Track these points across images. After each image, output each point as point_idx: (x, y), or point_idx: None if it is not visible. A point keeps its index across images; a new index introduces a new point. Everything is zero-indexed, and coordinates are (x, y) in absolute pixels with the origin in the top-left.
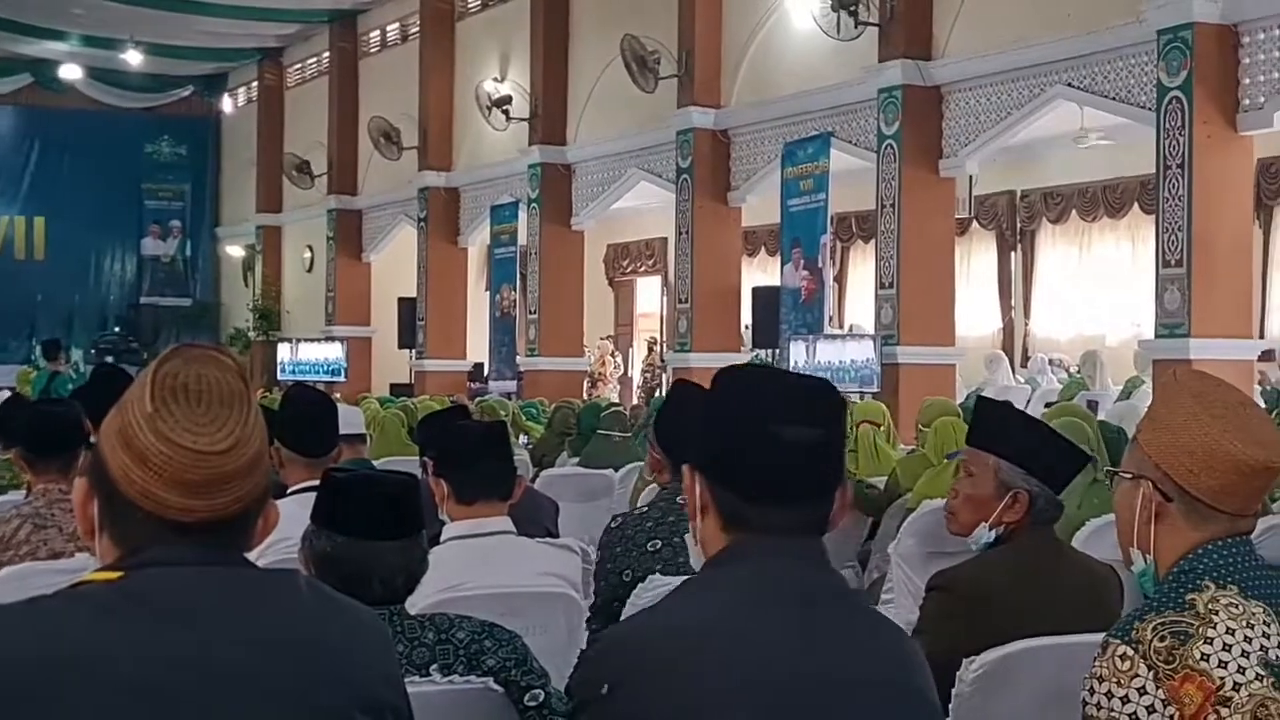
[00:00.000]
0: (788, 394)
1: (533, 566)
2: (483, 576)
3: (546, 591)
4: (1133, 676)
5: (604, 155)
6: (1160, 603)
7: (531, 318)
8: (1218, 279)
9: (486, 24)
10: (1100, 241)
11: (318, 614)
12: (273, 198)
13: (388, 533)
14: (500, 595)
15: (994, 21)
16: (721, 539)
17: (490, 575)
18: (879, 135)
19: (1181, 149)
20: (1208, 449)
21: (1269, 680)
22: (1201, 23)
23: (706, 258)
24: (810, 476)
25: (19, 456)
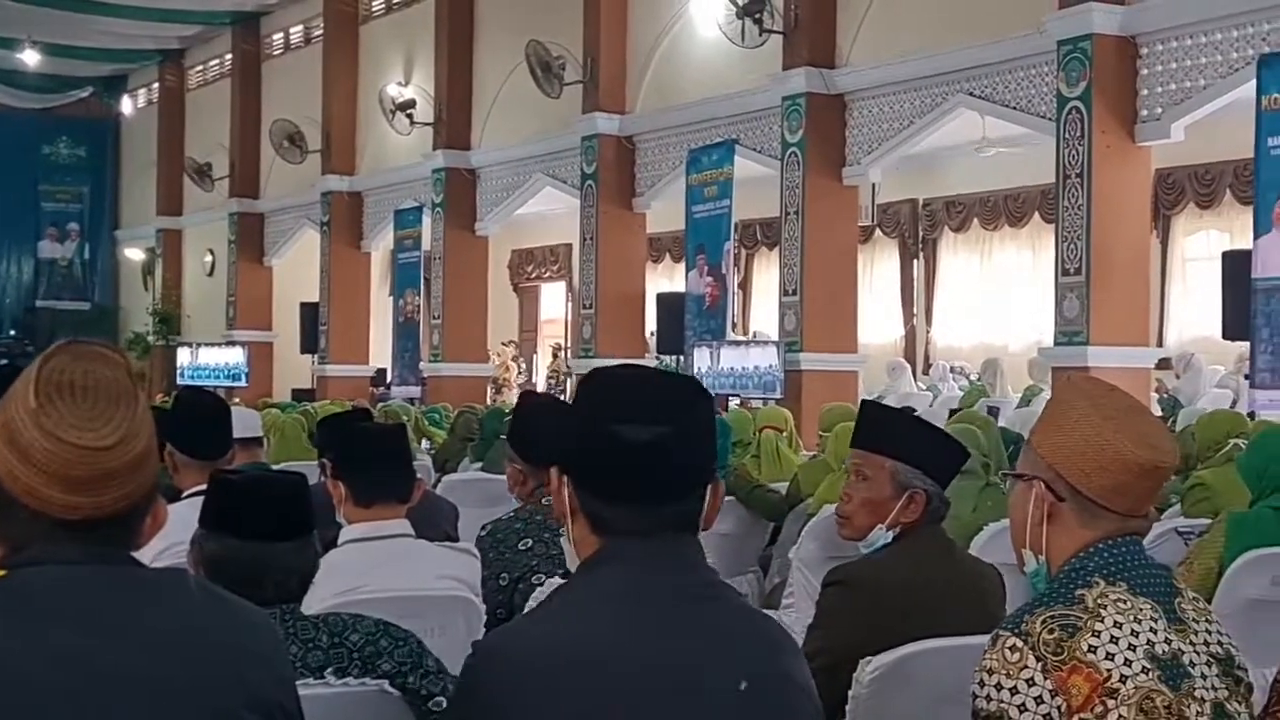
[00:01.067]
0: (634, 393)
1: (431, 570)
2: (380, 579)
3: (445, 595)
4: (1022, 668)
5: (508, 160)
6: (1051, 597)
7: (435, 323)
8: (1116, 288)
9: (391, 27)
10: (1001, 250)
11: (208, 614)
12: (173, 201)
13: (278, 534)
14: (398, 598)
15: (897, 30)
16: (592, 541)
17: (388, 578)
18: (783, 143)
19: (1081, 159)
20: (1099, 449)
21: (1155, 673)
22: (1101, 34)
23: (611, 264)
24: (667, 474)
25: None
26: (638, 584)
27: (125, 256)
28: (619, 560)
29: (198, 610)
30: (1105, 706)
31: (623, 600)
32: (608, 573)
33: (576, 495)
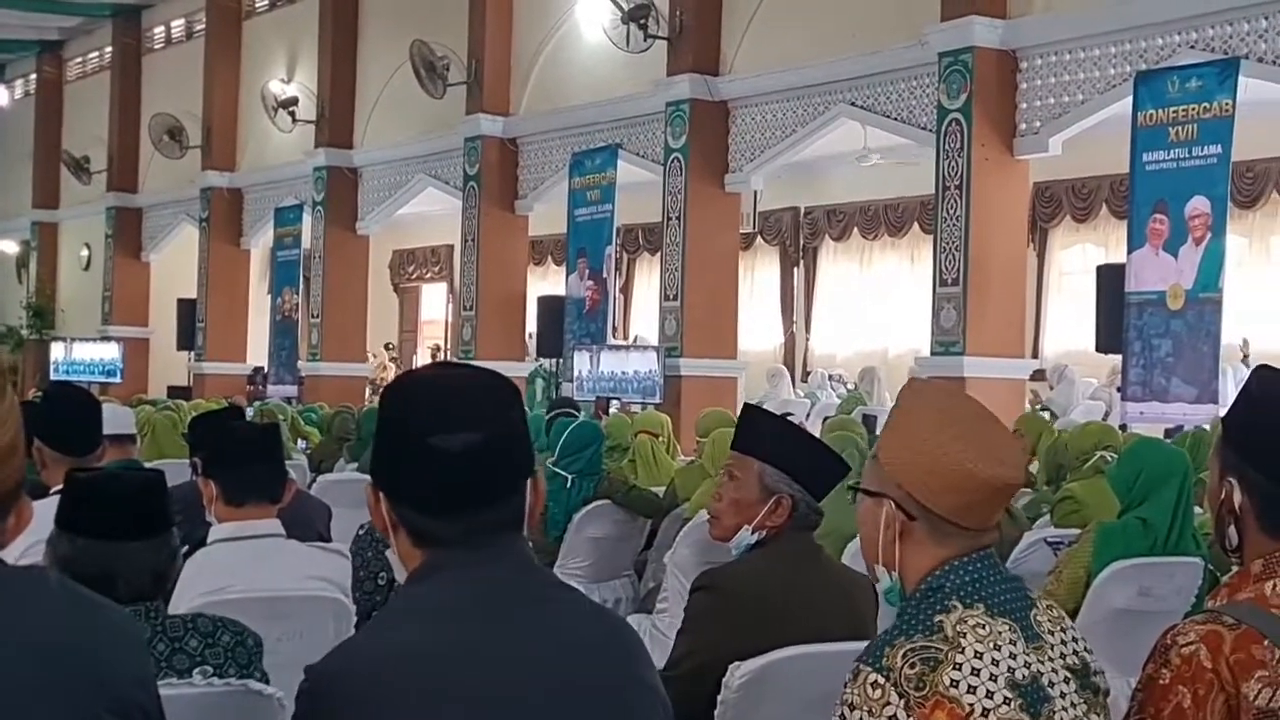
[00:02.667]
0: (442, 400)
1: (301, 570)
2: (250, 579)
3: (314, 595)
4: (884, 705)
5: (391, 160)
6: (909, 626)
7: (314, 321)
8: (992, 299)
9: (274, 24)
10: (881, 259)
11: (67, 614)
12: (49, 194)
13: (131, 533)
14: (267, 599)
15: (781, 39)
16: (416, 555)
17: (257, 578)
18: (666, 148)
19: (960, 171)
20: (948, 469)
21: (1016, 702)
22: (982, 47)
23: (493, 266)
24: (482, 481)
25: None
26: (464, 594)
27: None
28: (444, 571)
29: (57, 611)
30: None
31: (451, 612)
32: (433, 585)
33: (394, 509)
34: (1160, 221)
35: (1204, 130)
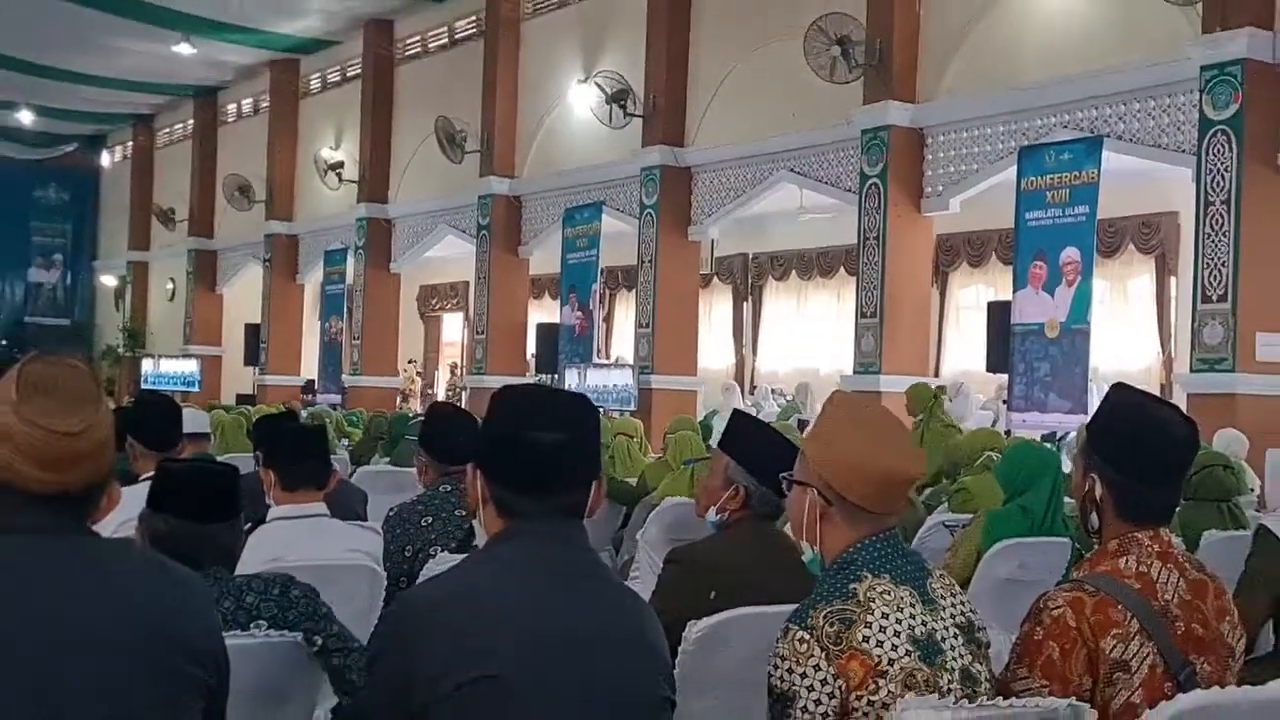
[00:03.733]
0: (540, 406)
1: (342, 544)
2: (301, 551)
3: (352, 564)
4: (809, 657)
5: (419, 213)
6: (829, 592)
7: (355, 343)
8: (902, 328)
9: (326, 103)
10: (815, 296)
11: (150, 576)
12: (141, 238)
13: (212, 516)
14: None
15: (734, 118)
16: (499, 523)
17: (307, 550)
18: (641, 205)
19: (878, 225)
20: (859, 465)
21: (915, 654)
22: (896, 126)
23: (500, 298)
24: (560, 472)
25: None
26: (536, 557)
27: (101, 283)
28: (521, 537)
29: (141, 573)
30: (877, 685)
31: (523, 568)
32: (512, 547)
33: (489, 486)
34: (1040, 267)
35: (1074, 194)
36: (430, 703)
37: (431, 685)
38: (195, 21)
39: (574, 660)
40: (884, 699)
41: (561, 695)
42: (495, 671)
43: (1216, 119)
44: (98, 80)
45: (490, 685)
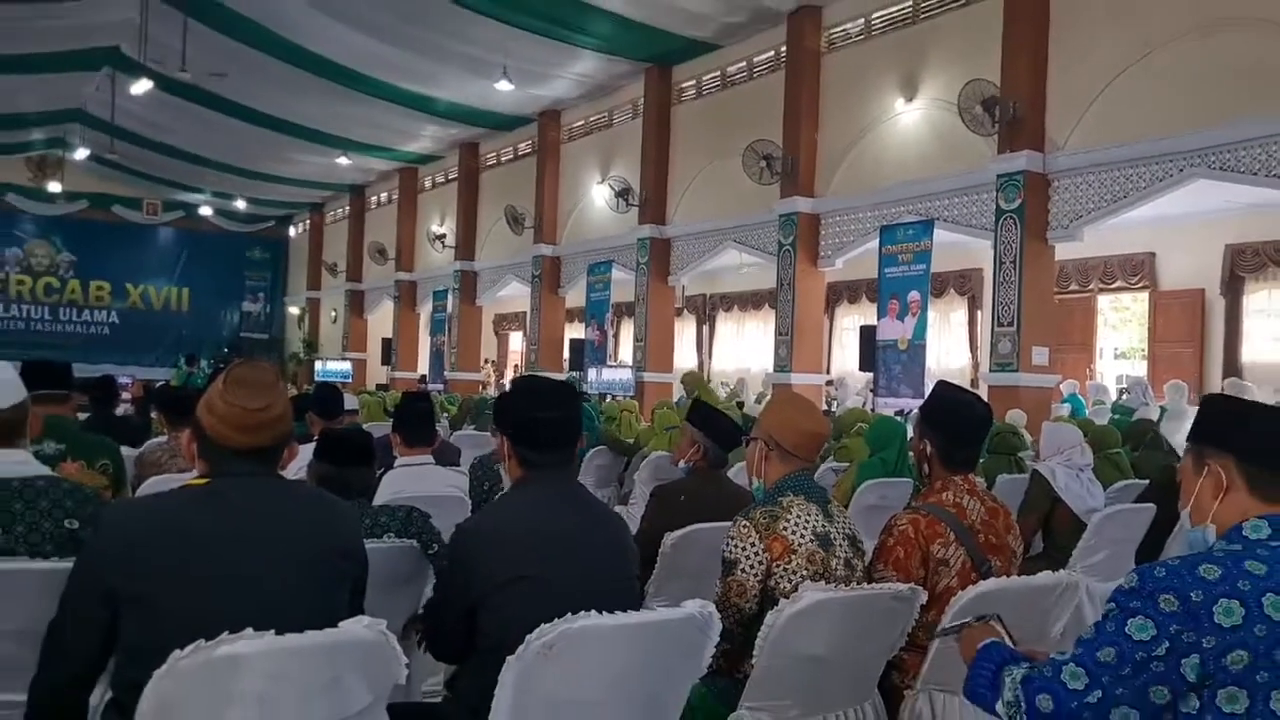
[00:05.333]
0: (544, 393)
1: (443, 482)
2: (415, 488)
3: (449, 495)
4: (748, 537)
5: (493, 266)
6: (766, 502)
7: (452, 350)
8: (805, 343)
9: (435, 196)
10: (751, 322)
11: (316, 504)
12: (315, 282)
13: (357, 462)
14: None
15: (697, 205)
16: (519, 471)
17: (419, 487)
18: (637, 263)
19: (790, 276)
20: (791, 425)
21: (816, 542)
22: (802, 212)
23: (547, 322)
24: (560, 437)
25: (163, 417)
26: (548, 493)
27: (289, 311)
28: (537, 481)
29: (313, 501)
30: (790, 558)
31: (540, 501)
32: (532, 488)
33: (512, 447)
34: (894, 304)
35: (916, 256)
36: (486, 594)
37: (484, 582)
38: (350, 143)
39: (577, 558)
40: (793, 569)
41: (571, 581)
42: (527, 573)
43: (1007, 209)
44: (286, 180)
45: (524, 581)
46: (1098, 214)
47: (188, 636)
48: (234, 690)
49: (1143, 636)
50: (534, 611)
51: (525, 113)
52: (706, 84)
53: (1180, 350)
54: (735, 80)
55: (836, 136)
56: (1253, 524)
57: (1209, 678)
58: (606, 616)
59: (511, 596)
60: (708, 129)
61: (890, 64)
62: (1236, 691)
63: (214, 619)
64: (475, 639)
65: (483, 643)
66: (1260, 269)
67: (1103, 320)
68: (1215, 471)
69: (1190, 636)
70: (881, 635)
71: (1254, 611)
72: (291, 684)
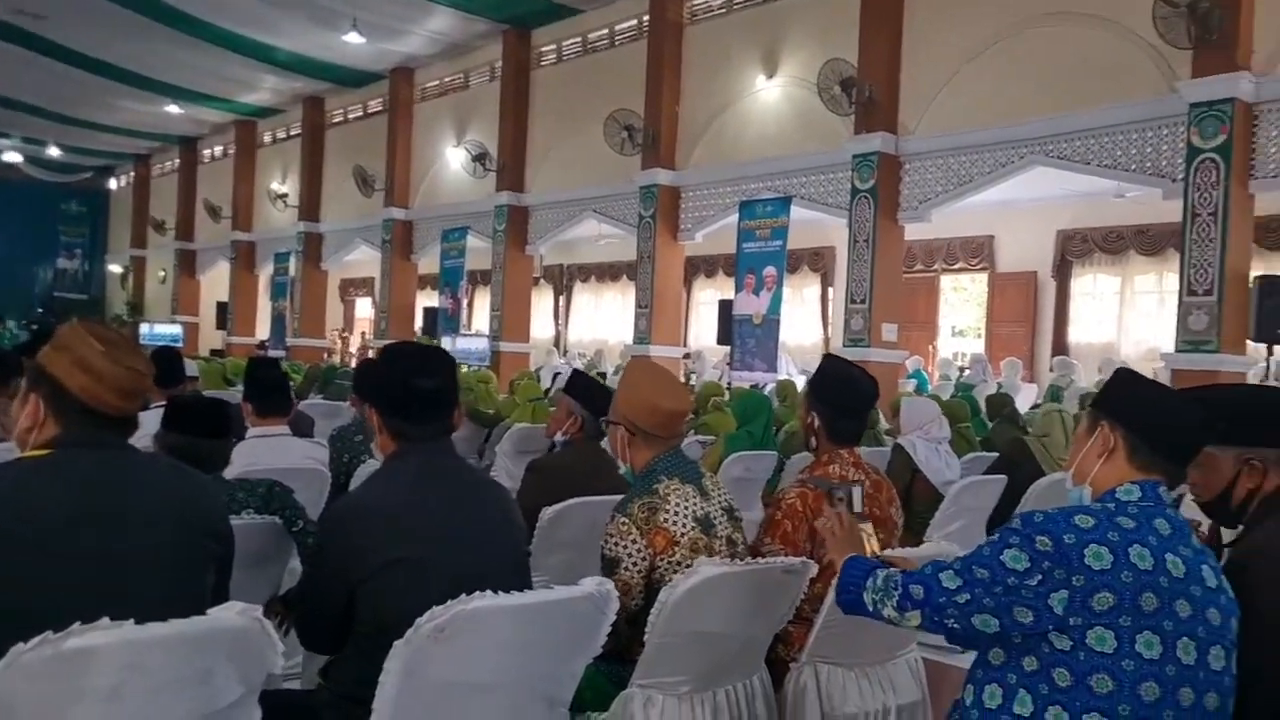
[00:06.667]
0: (418, 360)
1: (301, 454)
2: (272, 460)
3: (307, 468)
4: (629, 533)
5: (342, 230)
6: (641, 491)
7: (295, 315)
8: (665, 315)
9: (276, 152)
10: (609, 293)
11: (181, 478)
12: (140, 240)
13: (213, 434)
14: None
15: (559, 173)
16: (392, 445)
17: (277, 459)
18: (494, 230)
19: (650, 249)
20: (648, 406)
21: (698, 529)
22: (663, 185)
23: (398, 289)
24: (436, 405)
25: None
26: (426, 466)
27: (110, 270)
28: (414, 454)
29: (174, 475)
30: (674, 550)
31: (418, 475)
32: (408, 461)
33: (382, 419)
34: (751, 279)
35: (773, 233)
36: (365, 578)
37: (362, 566)
38: (181, 91)
39: (463, 538)
40: (678, 559)
41: (456, 564)
42: (408, 554)
43: (861, 188)
44: (107, 128)
45: (406, 563)
46: (945, 197)
47: (34, 628)
48: (86, 686)
49: (1016, 566)
50: (418, 594)
51: (376, 69)
52: (567, 49)
53: (1015, 329)
54: (597, 47)
55: (698, 110)
56: (1125, 488)
57: (1075, 615)
58: (502, 597)
59: (393, 579)
60: (568, 96)
61: (752, 39)
62: (1104, 632)
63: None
64: (353, 624)
65: (362, 628)
66: (1087, 254)
67: (944, 299)
68: (1105, 436)
69: (1061, 574)
70: (772, 609)
71: (1121, 559)
72: (152, 678)
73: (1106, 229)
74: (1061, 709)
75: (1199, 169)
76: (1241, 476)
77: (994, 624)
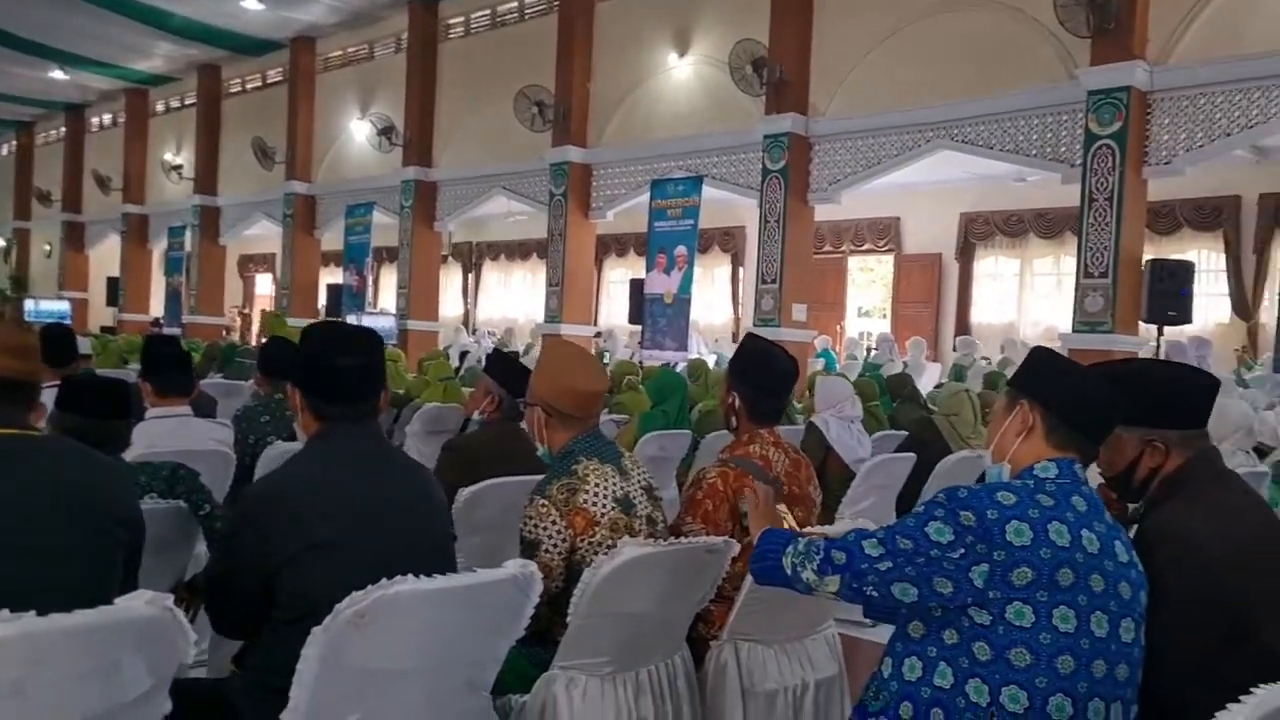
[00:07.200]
0: (344, 338)
1: (205, 435)
2: (174, 441)
3: (211, 450)
4: (548, 515)
5: (240, 203)
6: (560, 472)
7: (192, 292)
8: (576, 293)
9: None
10: (519, 271)
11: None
12: (23, 211)
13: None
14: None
15: (466, 149)
16: (315, 425)
17: (180, 441)
18: (400, 206)
19: (561, 226)
20: (563, 388)
21: (618, 509)
22: (574, 162)
23: (300, 265)
24: (362, 386)
25: None
26: (349, 449)
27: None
28: (336, 435)
29: (76, 459)
30: (594, 530)
31: (341, 458)
32: (330, 443)
33: (305, 398)
34: (662, 258)
35: (685, 212)
36: (283, 563)
37: (280, 550)
38: (67, 56)
39: (384, 521)
40: (599, 540)
41: (377, 547)
42: (329, 538)
43: (772, 168)
44: None
45: (327, 547)
46: (854, 178)
47: None
48: None
49: (940, 539)
50: (339, 577)
51: (275, 37)
52: (476, 22)
53: (919, 310)
54: (506, 21)
55: (609, 87)
56: (1042, 465)
57: (995, 589)
58: (424, 581)
59: (313, 564)
60: (477, 70)
61: (663, 17)
62: (1022, 607)
63: None
64: (269, 610)
65: (279, 614)
66: (989, 236)
67: (851, 280)
68: (1024, 414)
69: (983, 548)
70: (693, 588)
71: (1040, 536)
72: (56, 671)
73: (1008, 212)
74: (981, 681)
75: (1096, 155)
76: (1144, 456)
77: (913, 593)
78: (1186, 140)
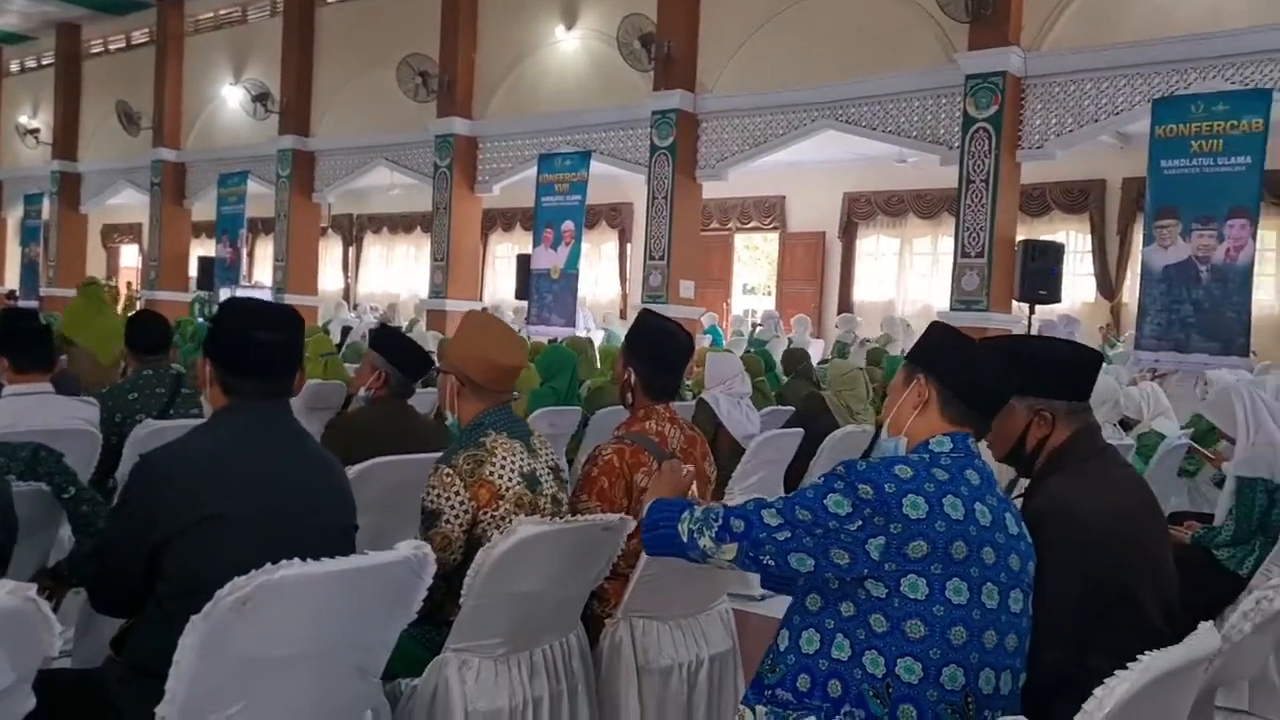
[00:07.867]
0: (263, 314)
1: (68, 413)
2: (34, 420)
3: (76, 429)
4: (452, 486)
5: (102, 170)
6: (467, 443)
7: (51, 263)
8: (461, 269)
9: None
10: (402, 245)
11: None
12: None
13: None
14: (44, 431)
15: (346, 118)
16: (223, 399)
17: (40, 419)
18: (277, 176)
19: (446, 199)
20: (480, 358)
21: (523, 484)
22: (458, 134)
23: (169, 236)
24: (276, 363)
25: None
26: (255, 425)
27: None
28: (243, 411)
29: None
30: (498, 504)
31: (245, 434)
32: (236, 418)
33: (215, 371)
34: (549, 233)
35: (572, 186)
36: (171, 535)
37: (171, 522)
38: None
39: (284, 502)
40: (502, 514)
41: (274, 528)
42: (220, 511)
43: (661, 145)
44: None
45: (217, 522)
46: (740, 156)
47: None
48: None
49: (838, 511)
50: (231, 556)
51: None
52: None
53: (804, 287)
54: None
55: (496, 58)
56: (938, 439)
57: (890, 561)
58: (311, 565)
59: (205, 537)
60: (358, 37)
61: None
62: (917, 580)
63: None
64: (154, 587)
65: (164, 590)
66: (871, 216)
67: (737, 258)
68: (920, 388)
69: (880, 521)
70: (589, 566)
71: (936, 509)
72: None
73: (889, 192)
74: (878, 653)
75: (973, 138)
76: (1032, 426)
77: (809, 563)
78: (1057, 125)
